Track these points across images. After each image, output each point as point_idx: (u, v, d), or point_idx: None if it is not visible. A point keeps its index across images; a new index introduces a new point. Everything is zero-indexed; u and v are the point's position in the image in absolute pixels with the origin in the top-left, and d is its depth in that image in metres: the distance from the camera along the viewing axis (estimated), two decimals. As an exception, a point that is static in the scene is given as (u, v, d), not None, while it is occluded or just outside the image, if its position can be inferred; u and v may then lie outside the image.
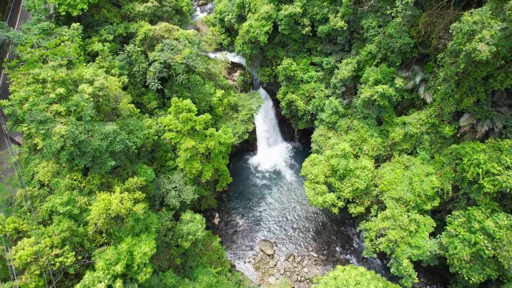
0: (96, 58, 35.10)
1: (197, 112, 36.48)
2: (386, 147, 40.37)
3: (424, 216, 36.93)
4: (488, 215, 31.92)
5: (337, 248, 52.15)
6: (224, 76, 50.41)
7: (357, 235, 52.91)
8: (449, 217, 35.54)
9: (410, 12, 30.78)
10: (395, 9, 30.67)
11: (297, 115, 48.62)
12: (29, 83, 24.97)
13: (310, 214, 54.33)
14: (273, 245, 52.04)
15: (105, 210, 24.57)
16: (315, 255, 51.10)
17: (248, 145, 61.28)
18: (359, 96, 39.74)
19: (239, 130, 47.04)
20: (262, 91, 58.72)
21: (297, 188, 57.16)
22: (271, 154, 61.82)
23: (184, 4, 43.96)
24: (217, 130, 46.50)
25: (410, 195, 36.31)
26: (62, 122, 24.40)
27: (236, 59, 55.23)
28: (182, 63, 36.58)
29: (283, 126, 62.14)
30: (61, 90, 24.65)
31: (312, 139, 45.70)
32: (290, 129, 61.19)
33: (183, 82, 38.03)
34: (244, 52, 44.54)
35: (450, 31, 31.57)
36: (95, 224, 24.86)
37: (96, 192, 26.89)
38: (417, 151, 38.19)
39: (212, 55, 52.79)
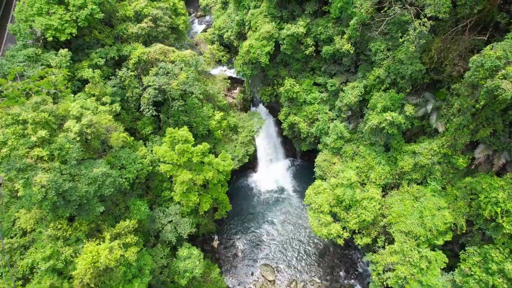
0: (86, 86, 32.83)
1: (194, 141, 34.32)
2: (394, 175, 38.19)
3: (435, 250, 34.77)
4: (507, 255, 29.76)
5: (341, 273, 50.05)
6: (223, 93, 48.18)
7: (361, 259, 50.82)
8: (462, 253, 33.39)
9: (424, 41, 28.54)
10: (407, 37, 28.39)
11: (300, 137, 46.41)
12: (8, 125, 22.74)
13: (313, 236, 52.19)
14: (275, 270, 49.93)
15: (92, 264, 22.39)
16: (318, 280, 49.02)
17: (248, 162, 58.98)
18: (366, 122, 37.55)
19: (238, 153, 44.83)
20: (262, 108, 56.56)
21: (298, 208, 55.01)
22: (272, 171, 59.64)
23: (180, 22, 41.66)
24: (215, 154, 44.40)
25: (421, 229, 34.14)
26: (44, 169, 22.16)
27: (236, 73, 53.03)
28: (178, 89, 34.31)
29: (284, 143, 59.90)
30: (43, 132, 22.42)
31: (315, 164, 43.50)
32: (292, 146, 58.91)
33: (180, 109, 35.75)
34: (244, 73, 42.29)
35: (468, 63, 29.52)
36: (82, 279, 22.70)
37: (84, 240, 24.68)
38: (427, 181, 36.02)
39: (211, 70, 50.64)
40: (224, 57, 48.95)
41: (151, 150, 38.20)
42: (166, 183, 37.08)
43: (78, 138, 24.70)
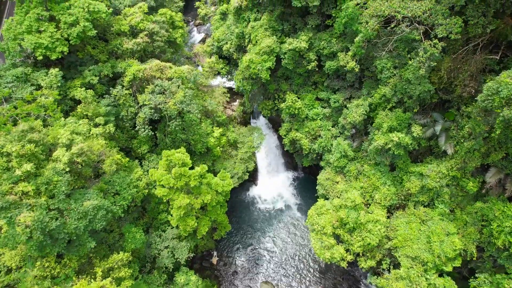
0: (78, 106, 31.32)
1: (192, 159, 32.86)
2: (399, 196, 36.71)
3: (443, 276, 33.31)
4: (520, 286, 28.34)
5: (344, 291, 48.61)
6: (223, 106, 46.65)
7: (364, 276, 49.37)
8: (473, 280, 31.95)
9: (434, 64, 27.04)
10: (417, 58, 26.86)
11: (302, 153, 44.89)
12: (-8, 157, 21.28)
13: (314, 252, 50.72)
14: (275, 287, 48.50)
15: (81, 306, 20.90)
16: (320, 299, 47.59)
17: (248, 175, 57.59)
18: (371, 141, 36.04)
19: (238, 170, 43.33)
20: (263, 120, 55.08)
21: (300, 223, 53.52)
22: (273, 184, 58.12)
23: (178, 35, 40.11)
24: (214, 172, 42.91)
25: (428, 255, 32.68)
26: (29, 205, 20.67)
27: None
28: (175, 108, 32.81)
29: (285, 154, 58.35)
30: (28, 166, 20.95)
31: (318, 182, 42.01)
32: (293, 158, 57.46)
33: (177, 129, 34.25)
34: (244, 88, 40.77)
35: (480, 83, 28.09)
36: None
37: (73, 278, 23.19)
38: (435, 204, 34.57)
39: (211, 82, 49.14)
40: (224, 69, 47.38)
41: (147, 171, 36.72)
42: (163, 205, 35.60)
43: (68, 169, 23.17)
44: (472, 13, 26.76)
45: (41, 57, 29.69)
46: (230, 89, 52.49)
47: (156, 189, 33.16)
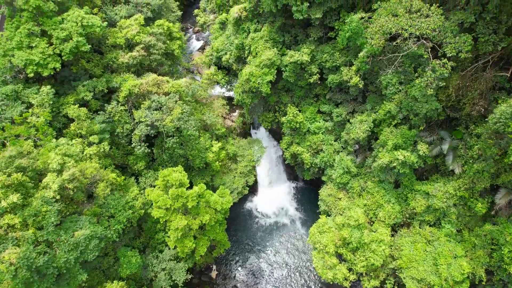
0: (71, 124, 30.12)
1: (190, 174, 31.62)
2: (404, 214, 35.55)
3: (451, 299, 32.12)
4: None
5: (347, 307, 47.32)
6: (222, 118, 45.45)
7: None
8: (481, 304, 30.76)
9: (443, 84, 25.83)
10: (425, 78, 25.64)
11: (303, 166, 43.66)
12: (-24, 187, 20.09)
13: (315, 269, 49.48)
14: (276, 303, 47.31)
15: None
16: (322, 315, 46.39)
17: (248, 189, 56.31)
18: (375, 158, 34.85)
19: (238, 184, 42.13)
20: (263, 130, 53.81)
21: (301, 236, 52.25)
22: (273, 195, 56.82)
23: (175, 47, 38.86)
24: (213, 188, 41.72)
25: (435, 278, 31.56)
26: (16, 239, 19.48)
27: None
28: (172, 126, 31.62)
29: (286, 164, 57.12)
30: (15, 197, 19.80)
31: (319, 197, 40.84)
32: (294, 168, 56.30)
33: (174, 146, 33.07)
34: (244, 102, 39.55)
35: (490, 102, 26.90)
36: None
37: (64, 311, 22.04)
38: (441, 223, 33.41)
39: (211, 91, 47.96)
40: (223, 79, 46.16)
41: (144, 188, 35.55)
42: (160, 225, 34.41)
43: (58, 196, 21.99)
44: (482, 30, 25.58)
45: (32, 74, 28.48)
46: (229, 99, 51.30)
47: (152, 208, 32.05)
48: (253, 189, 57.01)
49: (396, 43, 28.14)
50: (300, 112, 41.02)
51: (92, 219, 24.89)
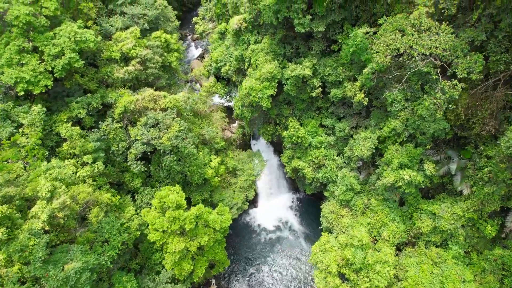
0: (64, 144, 28.90)
1: (188, 190, 30.46)
2: (409, 233, 34.41)
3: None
4: None
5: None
6: (221, 130, 44.21)
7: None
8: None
9: (453, 106, 24.66)
10: (434, 101, 24.46)
11: (304, 180, 42.48)
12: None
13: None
14: (277, 320, 46.15)
15: None
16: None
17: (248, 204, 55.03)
18: (379, 176, 33.70)
19: (238, 200, 40.94)
20: (263, 141, 52.60)
21: (303, 249, 51.07)
22: (274, 206, 55.61)
23: (173, 59, 37.61)
24: (212, 204, 40.57)
25: (442, 302, 30.37)
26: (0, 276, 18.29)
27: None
28: (169, 144, 30.43)
29: (286, 175, 56.01)
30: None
31: (321, 214, 39.71)
32: (294, 180, 55.10)
33: (171, 164, 31.88)
34: (244, 116, 38.35)
35: (502, 123, 25.73)
36: None
37: None
38: (448, 245, 32.26)
39: (210, 100, 46.74)
40: (222, 90, 44.94)
41: (141, 206, 34.39)
42: (157, 245, 33.15)
43: (47, 227, 20.79)
44: (494, 48, 24.39)
45: (22, 93, 27.25)
46: (229, 109, 50.11)
47: (149, 229, 30.88)
48: (253, 200, 55.72)
49: (402, 59, 27.02)
50: (301, 125, 39.88)
51: (84, 247, 23.70)
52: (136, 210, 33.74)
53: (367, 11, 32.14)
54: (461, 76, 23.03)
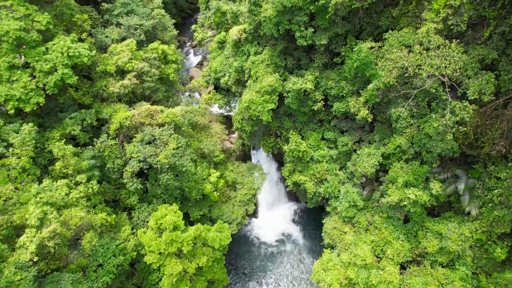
0: (56, 163, 27.81)
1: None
2: (414, 251, 33.33)
3: None
4: None
5: None
6: (221, 141, 43.11)
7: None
8: None
9: (464, 129, 23.57)
10: (444, 122, 23.37)
11: (306, 195, 41.40)
12: None
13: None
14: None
15: None
16: None
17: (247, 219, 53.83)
18: (383, 193, 32.63)
19: (237, 214, 39.85)
20: (263, 151, 51.56)
21: (305, 262, 49.99)
22: (275, 217, 54.49)
23: (170, 71, 36.48)
24: (211, 219, 39.53)
25: (450, 325, 29.33)
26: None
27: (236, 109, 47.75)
28: (166, 162, 29.35)
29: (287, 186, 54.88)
30: (-15, 268, 17.44)
31: (323, 230, 38.64)
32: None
33: (168, 182, 30.80)
34: (244, 129, 37.26)
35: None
36: None
37: None
38: (455, 265, 31.16)
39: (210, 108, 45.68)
40: (221, 100, 43.85)
41: (137, 224, 33.33)
42: (154, 264, 32.08)
43: (36, 258, 19.71)
44: (505, 67, 23.29)
45: (12, 111, 26.15)
46: (228, 118, 49.01)
47: (145, 249, 29.79)
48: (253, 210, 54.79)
49: (408, 74, 25.89)
50: (302, 138, 38.83)
51: (76, 275, 22.63)
52: (132, 229, 32.71)
53: (371, 23, 31.10)
54: (472, 98, 21.95)
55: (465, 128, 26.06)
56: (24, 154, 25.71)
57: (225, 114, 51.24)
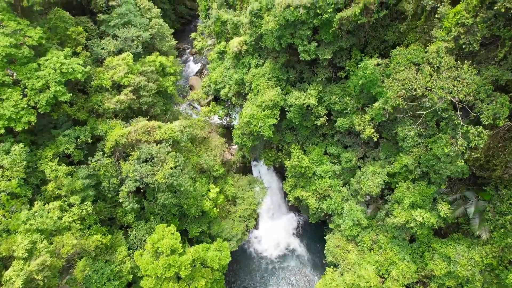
0: (49, 185, 26.67)
1: (185, 223, 28.27)
2: (420, 272, 32.19)
3: None
4: None
5: None
6: (220, 156, 41.92)
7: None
8: None
9: (477, 155, 22.39)
10: (456, 148, 22.18)
11: (308, 210, 40.25)
12: None
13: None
14: None
15: None
16: None
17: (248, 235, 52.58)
18: (388, 213, 31.49)
19: (237, 231, 38.70)
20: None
21: (306, 275, 48.86)
22: (275, 228, 53.28)
23: (169, 84, 35.30)
24: (210, 236, 38.40)
25: None
26: None
27: (237, 120, 46.58)
28: (164, 182, 28.22)
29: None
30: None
31: (326, 248, 37.53)
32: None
33: (166, 202, 29.67)
34: (244, 144, 36.10)
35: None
36: None
37: None
38: (464, 289, 30.04)
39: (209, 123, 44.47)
40: (221, 111, 42.68)
41: (134, 244, 32.20)
42: None
43: (24, 294, 18.58)
44: (520, 89, 22.16)
45: (2, 130, 25.00)
46: (228, 128, 47.86)
47: (142, 276, 28.69)
48: (253, 222, 53.59)
49: (417, 95, 24.70)
50: (305, 152, 37.68)
51: (68, 307, 21.52)
52: (129, 249, 31.58)
53: (377, 37, 29.88)
54: (486, 123, 20.77)
55: (478, 155, 24.81)
56: (15, 175, 24.57)
57: (225, 124, 50.12)
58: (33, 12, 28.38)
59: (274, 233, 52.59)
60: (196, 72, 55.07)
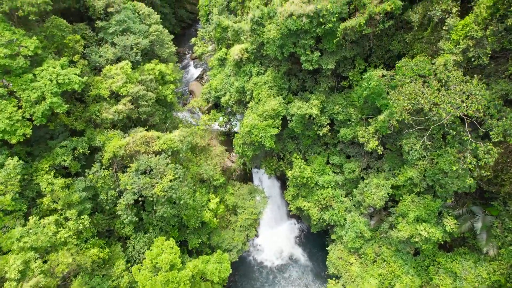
0: (45, 198, 26.01)
1: (185, 233, 27.63)
2: (424, 287, 31.45)
3: None
4: None
5: None
6: (220, 166, 41.20)
7: None
8: None
9: (487, 173, 21.65)
10: (464, 165, 21.45)
11: (310, 220, 39.53)
12: None
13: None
14: None
15: None
16: None
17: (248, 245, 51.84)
18: (392, 226, 30.78)
19: (238, 240, 38.02)
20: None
21: (308, 285, 48.14)
22: (276, 236, 52.58)
23: (168, 92, 34.60)
24: (210, 247, 37.72)
25: None
26: None
27: (237, 127, 45.87)
28: (163, 195, 27.55)
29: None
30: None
31: (328, 259, 36.81)
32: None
33: (165, 215, 29.00)
34: (245, 154, 35.40)
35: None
36: None
37: None
38: (470, 305, 29.26)
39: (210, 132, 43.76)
40: (222, 119, 41.98)
41: (132, 256, 31.55)
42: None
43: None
44: (531, 104, 21.42)
45: (-3, 144, 24.37)
46: (229, 135, 47.15)
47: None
48: (254, 229, 52.85)
49: (423, 109, 23.94)
50: (306, 161, 36.97)
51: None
52: (127, 262, 30.91)
53: (382, 47, 29.14)
54: (496, 140, 20.04)
55: (488, 173, 23.96)
56: (9, 189, 23.90)
57: (225, 131, 49.43)
58: (29, 21, 27.71)
59: (275, 241, 51.86)
60: (197, 77, 54.31)
